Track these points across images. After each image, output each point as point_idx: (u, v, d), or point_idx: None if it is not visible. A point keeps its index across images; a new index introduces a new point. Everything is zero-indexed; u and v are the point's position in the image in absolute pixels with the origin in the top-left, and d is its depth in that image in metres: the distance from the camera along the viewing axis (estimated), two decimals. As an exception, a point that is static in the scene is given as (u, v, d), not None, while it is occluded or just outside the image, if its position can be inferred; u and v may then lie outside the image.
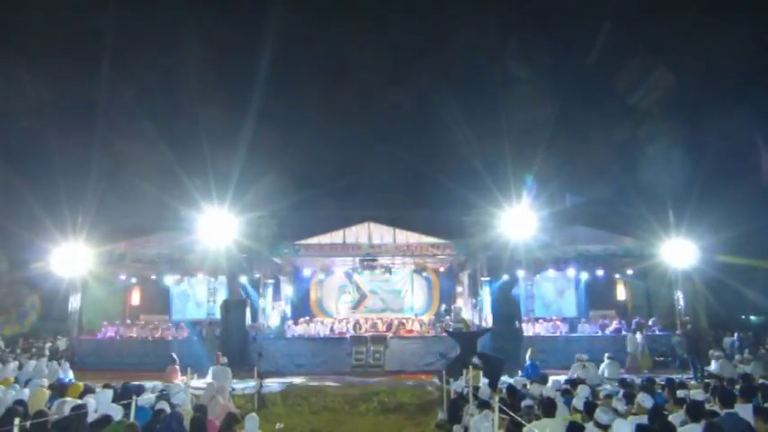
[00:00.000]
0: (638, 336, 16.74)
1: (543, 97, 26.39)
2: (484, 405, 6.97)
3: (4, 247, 22.03)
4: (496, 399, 5.90)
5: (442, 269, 22.96)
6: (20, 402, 6.44)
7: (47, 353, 18.21)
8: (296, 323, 20.06)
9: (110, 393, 7.20)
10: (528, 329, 18.77)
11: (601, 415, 5.22)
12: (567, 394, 7.18)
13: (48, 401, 7.07)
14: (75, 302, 19.08)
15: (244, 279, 18.94)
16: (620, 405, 6.36)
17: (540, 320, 19.83)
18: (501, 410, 5.74)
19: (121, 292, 23.02)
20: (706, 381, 10.27)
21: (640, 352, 16.40)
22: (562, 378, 9.93)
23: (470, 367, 10.09)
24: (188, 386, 8.83)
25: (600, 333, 18.81)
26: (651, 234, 18.17)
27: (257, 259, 19.25)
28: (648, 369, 15.53)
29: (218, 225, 17.63)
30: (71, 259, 17.94)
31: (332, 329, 19.64)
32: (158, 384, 8.79)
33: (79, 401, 6.19)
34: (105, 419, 5.78)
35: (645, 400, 6.05)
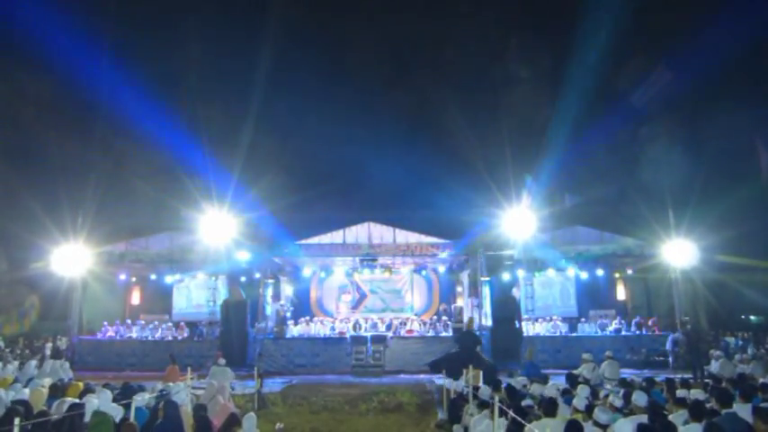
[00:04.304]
0: (677, 335, 16.76)
1: (543, 97, 26.40)
2: (484, 405, 6.98)
3: (4, 247, 22.03)
4: (497, 399, 5.90)
5: (441, 269, 22.98)
6: (20, 402, 6.44)
7: (47, 353, 18.24)
8: (296, 323, 20.07)
9: (110, 393, 7.20)
10: (528, 329, 18.79)
11: (600, 414, 5.23)
12: (567, 394, 7.19)
13: (46, 401, 7.07)
14: (75, 302, 19.10)
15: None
16: (617, 402, 6.36)
17: (540, 320, 19.84)
18: (501, 410, 5.75)
19: (121, 292, 23.01)
20: (706, 381, 10.28)
21: (677, 351, 16.45)
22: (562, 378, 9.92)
23: (470, 367, 10.11)
24: (188, 386, 8.84)
25: (600, 333, 18.83)
26: (651, 234, 18.17)
27: (257, 259, 19.26)
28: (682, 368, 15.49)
29: (218, 225, 17.65)
30: (71, 259, 17.95)
31: (332, 329, 19.65)
32: (158, 385, 8.79)
33: (77, 401, 6.19)
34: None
35: (639, 398, 6.06)
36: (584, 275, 20.74)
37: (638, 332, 18.74)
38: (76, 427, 5.51)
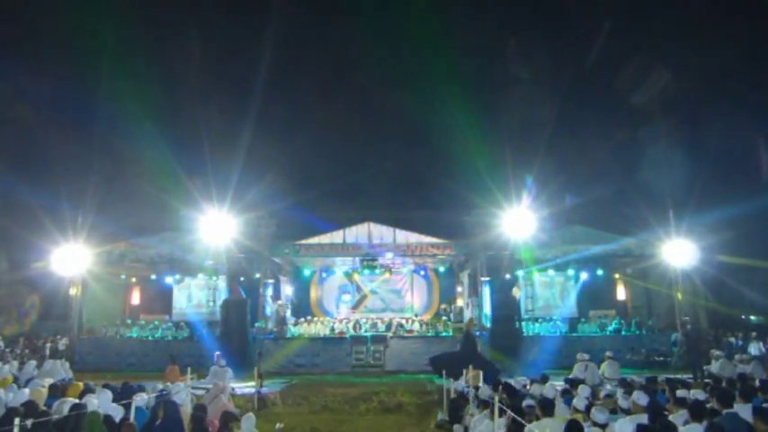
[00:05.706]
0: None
1: (543, 98, 26.42)
2: (484, 405, 6.97)
3: (4, 247, 22.03)
4: (496, 399, 5.89)
5: (441, 269, 22.98)
6: (24, 403, 6.42)
7: (47, 353, 18.23)
8: (296, 323, 20.06)
9: (110, 393, 7.19)
10: (528, 329, 18.78)
11: (597, 414, 5.22)
12: (567, 394, 7.18)
13: (46, 401, 7.06)
14: (75, 302, 19.09)
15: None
16: (623, 403, 6.34)
17: (540, 320, 19.83)
18: (501, 410, 5.74)
19: (121, 292, 23.00)
20: (706, 381, 10.28)
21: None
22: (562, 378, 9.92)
23: (471, 367, 10.11)
24: (188, 386, 8.83)
25: (600, 333, 18.82)
26: (651, 234, 18.16)
27: (257, 259, 19.25)
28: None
29: (217, 225, 17.63)
30: (71, 259, 17.94)
31: (332, 329, 19.64)
32: (158, 385, 8.79)
33: (77, 401, 6.18)
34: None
35: (640, 398, 6.06)
36: (584, 275, 20.75)
37: (638, 332, 18.73)
38: (80, 428, 5.51)
